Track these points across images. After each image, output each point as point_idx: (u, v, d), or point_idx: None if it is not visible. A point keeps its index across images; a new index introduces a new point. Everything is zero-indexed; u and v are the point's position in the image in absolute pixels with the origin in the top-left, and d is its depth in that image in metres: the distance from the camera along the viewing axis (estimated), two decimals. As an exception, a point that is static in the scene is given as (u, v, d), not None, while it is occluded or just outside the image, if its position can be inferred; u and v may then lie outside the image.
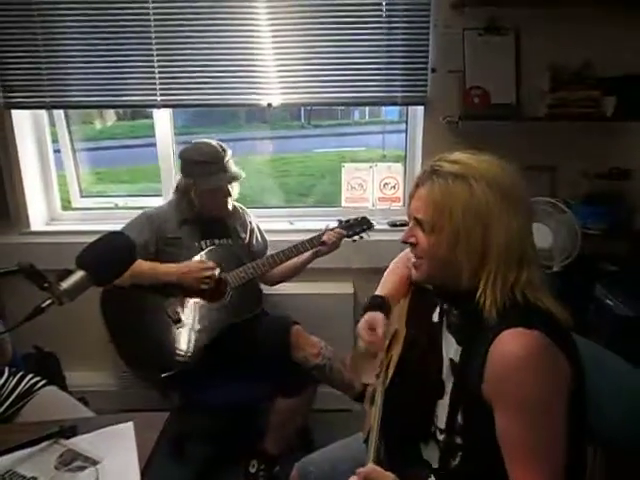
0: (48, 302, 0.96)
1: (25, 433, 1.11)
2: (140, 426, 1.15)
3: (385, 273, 1.43)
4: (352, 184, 2.49)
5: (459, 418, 1.02)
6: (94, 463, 1.02)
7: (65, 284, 0.97)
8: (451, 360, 1.06)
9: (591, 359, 1.20)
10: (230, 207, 2.02)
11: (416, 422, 1.13)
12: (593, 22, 2.07)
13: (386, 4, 2.15)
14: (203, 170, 1.88)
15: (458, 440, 1.03)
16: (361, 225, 2.05)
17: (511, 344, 0.90)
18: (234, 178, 1.93)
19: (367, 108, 2.96)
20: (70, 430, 1.12)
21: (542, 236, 1.97)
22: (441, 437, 1.07)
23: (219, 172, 1.90)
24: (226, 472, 2.04)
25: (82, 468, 0.99)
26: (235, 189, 1.99)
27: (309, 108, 3.14)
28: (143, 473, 1.03)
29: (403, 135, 2.49)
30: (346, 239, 2.03)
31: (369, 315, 1.28)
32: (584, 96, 2.06)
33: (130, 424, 1.16)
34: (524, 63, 2.17)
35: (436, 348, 1.11)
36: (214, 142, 1.94)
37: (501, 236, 0.94)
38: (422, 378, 1.13)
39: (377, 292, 1.39)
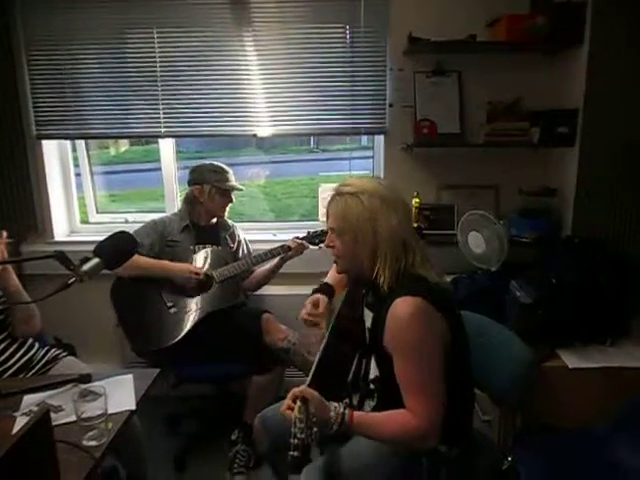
0: (72, 280, 1.36)
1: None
2: (137, 377, 1.57)
3: (332, 268, 1.84)
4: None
5: (375, 369, 1.41)
6: (104, 397, 1.40)
7: (85, 267, 1.38)
8: (368, 328, 1.45)
9: (497, 335, 1.64)
10: (227, 214, 2.47)
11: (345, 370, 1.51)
12: (521, 66, 2.50)
13: (351, 52, 2.59)
14: (220, 176, 2.36)
15: (371, 386, 1.43)
16: (324, 235, 2.44)
17: (400, 308, 1.27)
18: (238, 188, 2.41)
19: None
20: (87, 377, 1.53)
21: (476, 243, 2.35)
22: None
23: (229, 180, 2.38)
24: (214, 440, 2.42)
25: (94, 399, 1.37)
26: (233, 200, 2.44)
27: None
28: (137, 404, 1.43)
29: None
30: (313, 247, 2.43)
31: (315, 296, 1.70)
32: (515, 127, 2.45)
33: (130, 375, 1.57)
34: (466, 99, 2.58)
35: (361, 322, 1.50)
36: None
37: (385, 230, 1.33)
38: (349, 341, 1.53)
39: (326, 280, 1.80)
